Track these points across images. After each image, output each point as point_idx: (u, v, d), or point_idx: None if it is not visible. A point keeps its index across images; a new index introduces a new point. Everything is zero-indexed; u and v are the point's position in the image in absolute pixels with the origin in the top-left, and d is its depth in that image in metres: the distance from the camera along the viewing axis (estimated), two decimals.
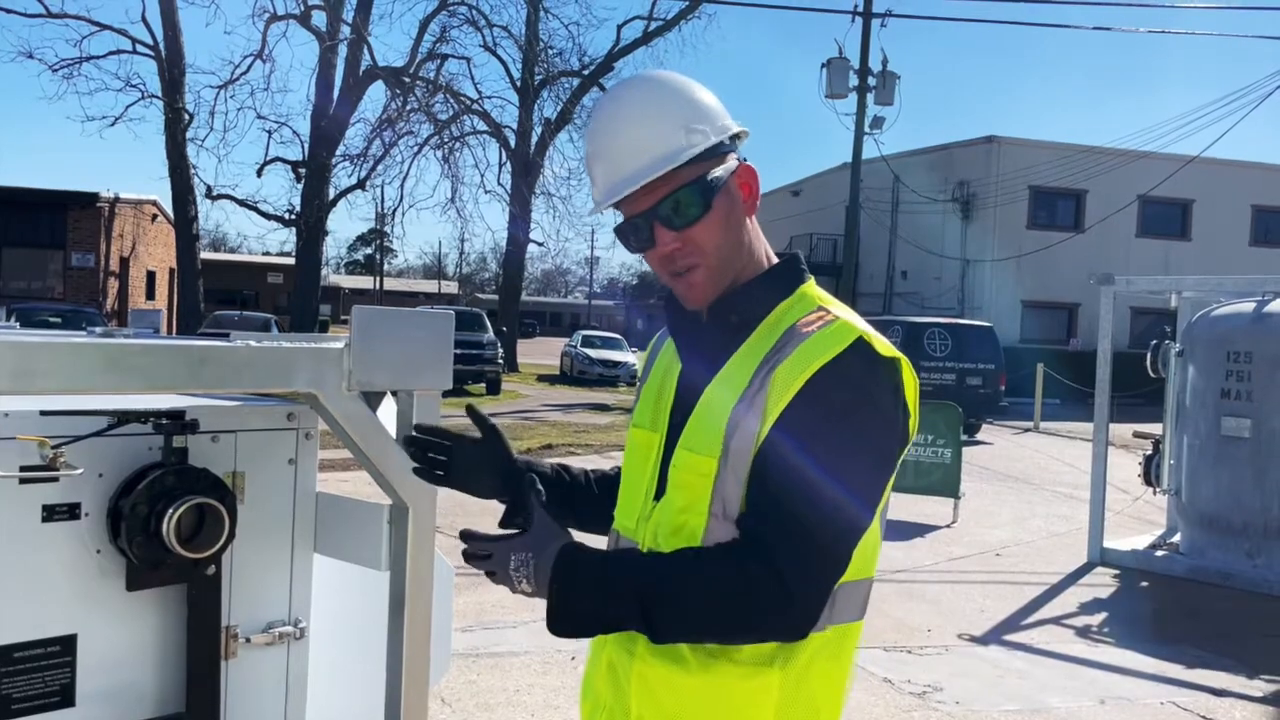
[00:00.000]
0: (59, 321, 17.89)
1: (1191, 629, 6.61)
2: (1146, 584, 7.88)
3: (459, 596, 5.48)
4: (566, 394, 23.66)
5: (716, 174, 1.50)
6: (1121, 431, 10.93)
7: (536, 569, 1.44)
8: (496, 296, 39.59)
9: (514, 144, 28.24)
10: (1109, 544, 8.45)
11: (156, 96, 25.42)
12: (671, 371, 1.62)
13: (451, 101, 26.66)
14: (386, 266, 74.77)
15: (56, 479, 1.57)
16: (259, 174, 26.75)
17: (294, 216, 26.24)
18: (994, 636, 6.26)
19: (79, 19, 25.10)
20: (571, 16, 52.82)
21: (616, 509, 1.66)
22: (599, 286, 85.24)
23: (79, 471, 1.54)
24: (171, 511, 1.63)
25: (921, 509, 9.73)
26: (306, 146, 26.06)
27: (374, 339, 1.71)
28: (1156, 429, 8.90)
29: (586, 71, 28.22)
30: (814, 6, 71.09)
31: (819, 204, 35.61)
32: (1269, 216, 32.22)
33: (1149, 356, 8.62)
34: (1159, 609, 7.27)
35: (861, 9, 24.44)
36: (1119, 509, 10.01)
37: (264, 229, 60.42)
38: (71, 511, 1.63)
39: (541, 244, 31.65)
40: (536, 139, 28.65)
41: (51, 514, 1.61)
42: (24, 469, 1.54)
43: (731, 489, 1.44)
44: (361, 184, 27.07)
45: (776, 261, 1.59)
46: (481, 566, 1.50)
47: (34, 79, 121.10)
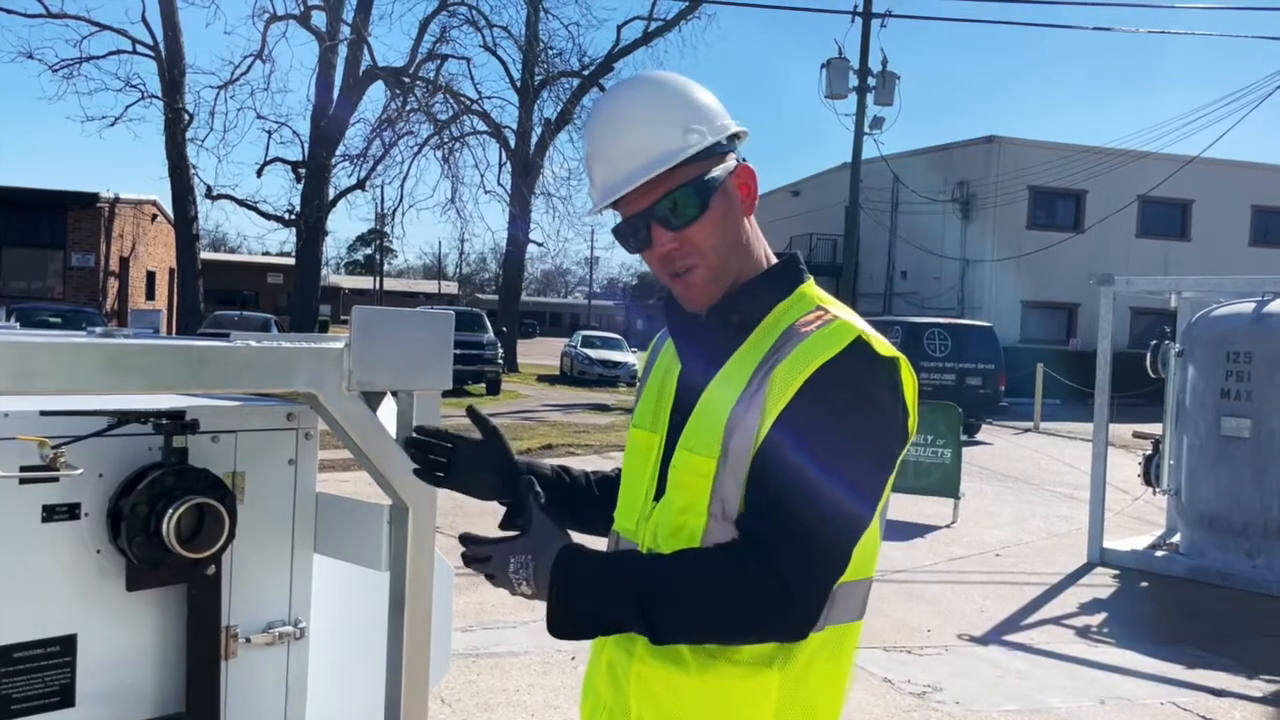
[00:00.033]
0: (59, 321, 17.89)
1: (1191, 629, 6.61)
2: (1146, 584, 7.88)
3: (459, 596, 5.48)
4: (566, 394, 23.66)
5: (714, 174, 1.50)
6: (1121, 432, 10.94)
7: (536, 571, 1.44)
8: (496, 297, 39.59)
9: (514, 144, 28.25)
10: (1109, 544, 8.45)
11: (156, 97, 25.46)
12: (672, 372, 1.62)
13: (451, 102, 26.68)
14: (386, 267, 74.85)
15: (56, 479, 1.57)
16: (259, 174, 26.79)
17: (294, 216, 26.25)
18: (994, 637, 6.26)
19: (79, 19, 25.16)
20: (571, 17, 52.80)
21: (616, 510, 1.66)
22: (599, 287, 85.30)
23: (79, 472, 1.53)
24: (171, 512, 1.63)
25: (921, 509, 9.73)
26: (306, 147, 26.08)
27: (374, 339, 1.70)
28: (1156, 429, 8.90)
29: (586, 72, 28.23)
30: (814, 6, 71.46)
31: (819, 204, 35.61)
32: (1268, 217, 32.23)
33: (1149, 357, 8.62)
34: (1159, 609, 7.27)
35: (861, 9, 24.45)
36: (1119, 509, 10.01)
37: (264, 229, 60.61)
38: (71, 511, 1.63)
39: (541, 244, 31.72)
40: (536, 139, 28.65)
41: (51, 514, 1.61)
42: (24, 469, 1.53)
43: (730, 489, 1.44)
44: (361, 184, 27.09)
45: (776, 262, 1.59)
46: (481, 569, 1.49)
47: (34, 79, 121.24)
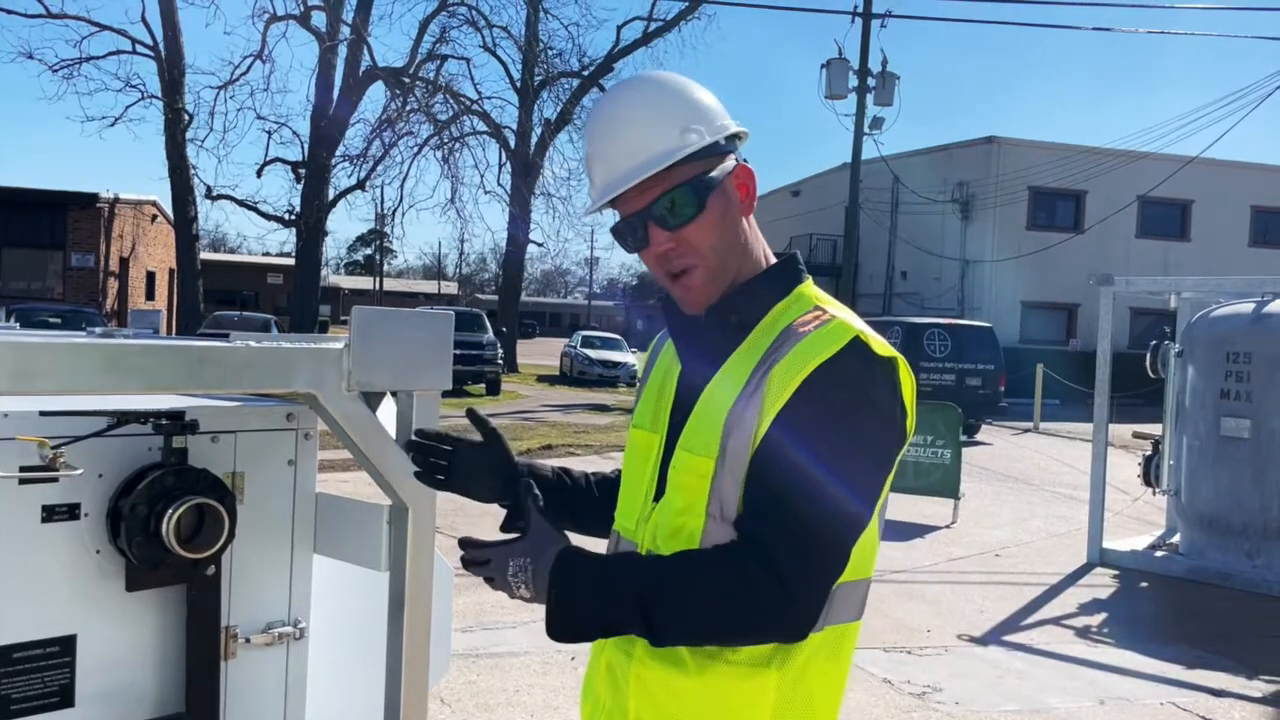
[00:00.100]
0: (59, 322, 17.89)
1: (1191, 629, 6.61)
2: (1146, 584, 7.88)
3: (458, 597, 5.47)
4: (566, 394, 23.65)
5: (712, 174, 1.50)
6: (1121, 432, 10.94)
7: (535, 574, 1.44)
8: (496, 297, 39.60)
9: (514, 144, 28.25)
10: (1108, 544, 8.45)
11: (156, 97, 25.46)
12: (672, 372, 1.62)
13: (451, 102, 26.68)
14: (386, 267, 74.85)
15: (56, 479, 1.57)
16: (259, 174, 26.80)
17: (294, 217, 26.26)
18: (993, 637, 6.26)
19: (79, 19, 25.17)
20: (571, 17, 52.83)
21: (617, 510, 1.65)
22: (599, 287, 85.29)
23: (79, 472, 1.53)
24: (171, 512, 1.63)
25: (921, 509, 9.73)
26: (306, 147, 26.08)
27: (373, 339, 1.70)
28: (1156, 429, 8.90)
29: (586, 72, 28.23)
30: (814, 7, 71.39)
31: (819, 204, 35.61)
32: (1268, 217, 32.22)
33: (1148, 357, 8.62)
34: (1158, 609, 7.27)
35: (861, 9, 24.44)
36: (1118, 509, 10.01)
37: (264, 229, 60.50)
38: (71, 512, 1.63)
39: (541, 244, 31.69)
40: (536, 139, 28.66)
41: (51, 514, 1.61)
42: (24, 469, 1.53)
43: (729, 490, 1.43)
44: (361, 184, 27.10)
45: (775, 262, 1.59)
46: (480, 573, 1.49)
47: (34, 79, 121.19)
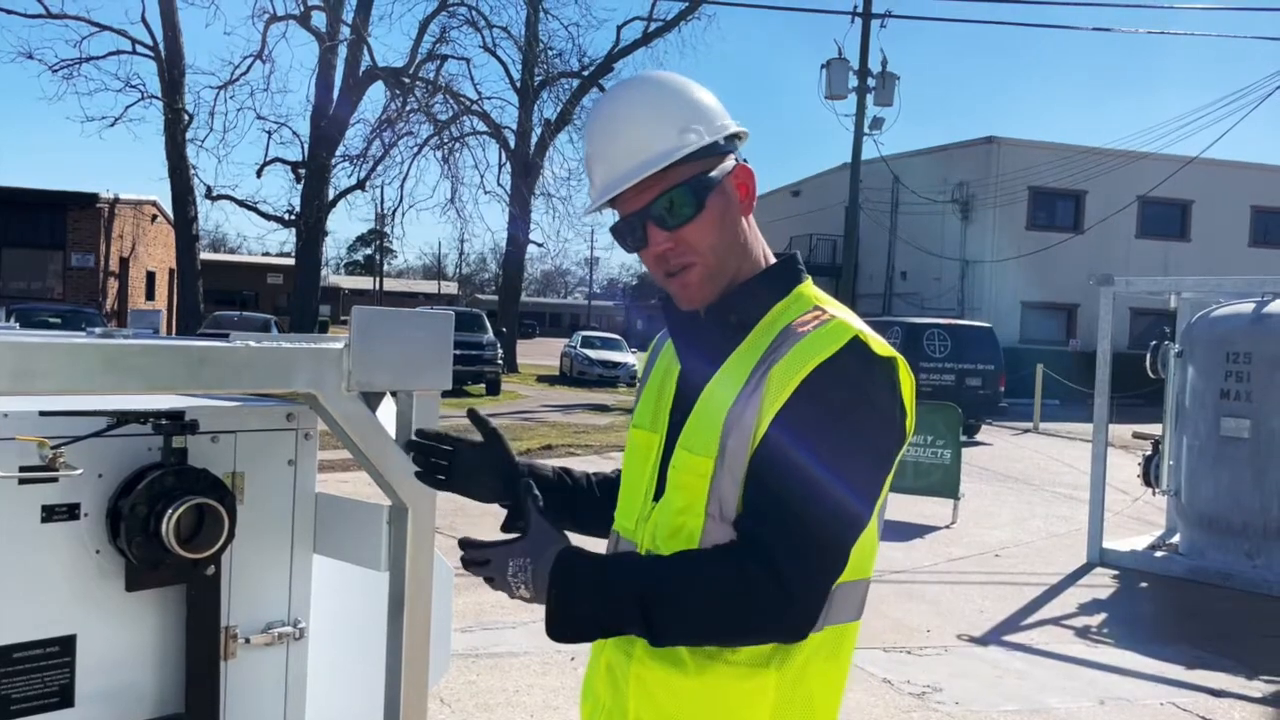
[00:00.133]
0: (58, 322, 17.90)
1: (1191, 629, 6.61)
2: (1146, 585, 7.88)
3: (458, 597, 5.47)
4: (566, 395, 23.66)
5: (711, 174, 1.50)
6: (1121, 432, 10.94)
7: (535, 574, 1.44)
8: (496, 297, 39.60)
9: (514, 145, 28.26)
10: (1108, 545, 8.45)
11: (156, 97, 25.46)
12: (671, 372, 1.62)
13: (451, 102, 26.68)
14: (386, 267, 74.85)
15: (56, 479, 1.56)
16: (259, 174, 26.80)
17: (294, 217, 26.26)
18: (993, 637, 6.26)
19: (79, 19, 25.18)
20: (571, 17, 52.83)
21: (616, 510, 1.65)
22: (599, 287, 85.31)
23: (78, 472, 1.53)
24: (171, 512, 1.62)
25: (921, 510, 9.73)
26: (306, 147, 26.08)
27: (373, 339, 1.70)
28: (1156, 430, 8.90)
29: (586, 72, 28.23)
30: (814, 7, 71.35)
31: (819, 204, 35.61)
32: (1268, 217, 32.23)
33: (1148, 357, 8.62)
34: (1158, 610, 7.27)
35: (861, 9, 24.46)
36: (1118, 510, 10.01)
37: (264, 229, 60.58)
38: (71, 512, 1.63)
39: (541, 245, 31.71)
40: (536, 140, 28.66)
41: (51, 514, 1.61)
42: (23, 469, 1.53)
43: (728, 490, 1.43)
44: (361, 184, 27.11)
45: (774, 261, 1.59)
46: (480, 573, 1.50)
47: (34, 79, 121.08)
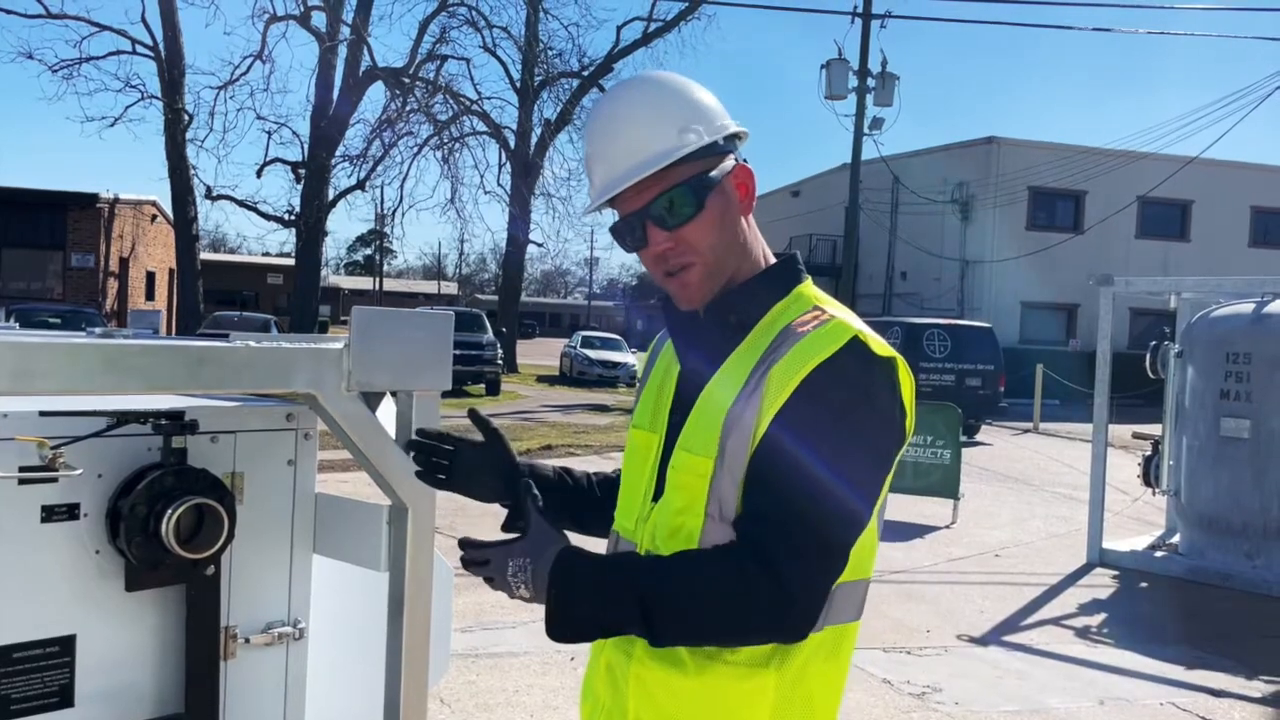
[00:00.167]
0: (58, 322, 17.90)
1: (1191, 630, 6.61)
2: (1146, 585, 7.88)
3: (458, 597, 5.47)
4: (566, 395, 23.66)
5: (711, 174, 1.50)
6: (1121, 432, 10.94)
7: (534, 574, 1.44)
8: (496, 297, 39.60)
9: (514, 145, 28.25)
10: (1108, 545, 8.45)
11: (156, 97, 25.46)
12: (671, 372, 1.62)
13: (451, 102, 26.68)
14: (386, 267, 74.81)
15: (55, 479, 1.56)
16: (259, 175, 26.80)
17: (293, 217, 26.26)
18: (993, 637, 6.26)
19: (79, 20, 25.16)
20: (571, 18, 52.81)
21: (616, 510, 1.66)
22: (599, 287, 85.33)
23: (78, 472, 1.53)
24: (170, 512, 1.62)
25: (921, 510, 9.73)
26: (306, 147, 26.08)
27: (373, 339, 1.70)
28: (1156, 430, 8.90)
29: (586, 72, 28.22)
30: (814, 7, 71.33)
31: (818, 205, 35.61)
32: (1268, 218, 32.23)
33: (1148, 357, 8.63)
34: (1158, 610, 7.27)
35: (861, 10, 24.45)
36: (1118, 510, 10.01)
37: (264, 230, 60.58)
38: (70, 512, 1.62)
39: (541, 245, 31.70)
40: (536, 140, 28.65)
41: (50, 514, 1.61)
42: (23, 469, 1.53)
43: (728, 490, 1.43)
44: (361, 185, 27.10)
45: (774, 261, 1.59)
46: (480, 573, 1.50)
47: (34, 79, 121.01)
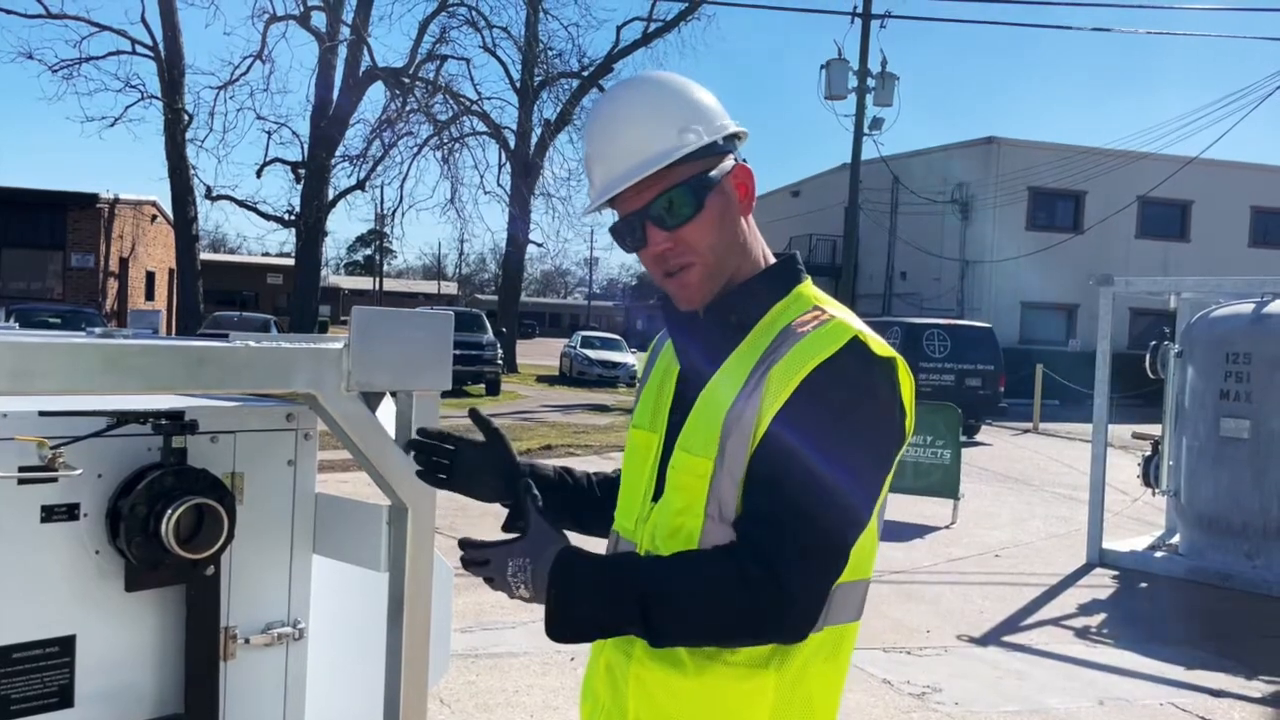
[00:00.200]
0: (58, 322, 17.89)
1: (1190, 630, 6.61)
2: (1145, 585, 7.88)
3: (458, 597, 5.47)
4: (566, 395, 23.65)
5: (710, 174, 1.49)
6: (1121, 433, 10.94)
7: (534, 575, 1.44)
8: (496, 297, 39.59)
9: (513, 145, 28.25)
10: (1108, 545, 8.45)
11: (156, 97, 25.46)
12: (671, 372, 1.62)
13: (451, 102, 26.68)
14: (386, 267, 74.77)
15: (55, 479, 1.56)
16: (258, 175, 26.81)
17: (293, 217, 26.26)
18: (993, 637, 6.26)
19: (78, 20, 25.17)
20: (571, 18, 52.90)
21: (616, 510, 1.65)
22: (598, 287, 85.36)
23: (78, 472, 1.53)
24: (170, 512, 1.62)
25: (921, 510, 9.73)
26: (306, 147, 26.08)
27: (373, 340, 1.70)
28: (1155, 430, 8.90)
29: (586, 73, 28.23)
30: (814, 7, 71.25)
31: (818, 205, 35.61)
32: (1268, 218, 32.23)
33: (1148, 358, 8.62)
34: (1158, 610, 7.27)
35: (861, 10, 24.46)
36: (1118, 510, 10.01)
37: (263, 230, 60.61)
38: (70, 512, 1.62)
39: (541, 245, 31.71)
40: (536, 140, 28.65)
41: (50, 514, 1.61)
42: (23, 469, 1.53)
43: (727, 490, 1.43)
44: (361, 185, 27.11)
45: (774, 261, 1.59)
46: (479, 573, 1.50)
47: (34, 79, 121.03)
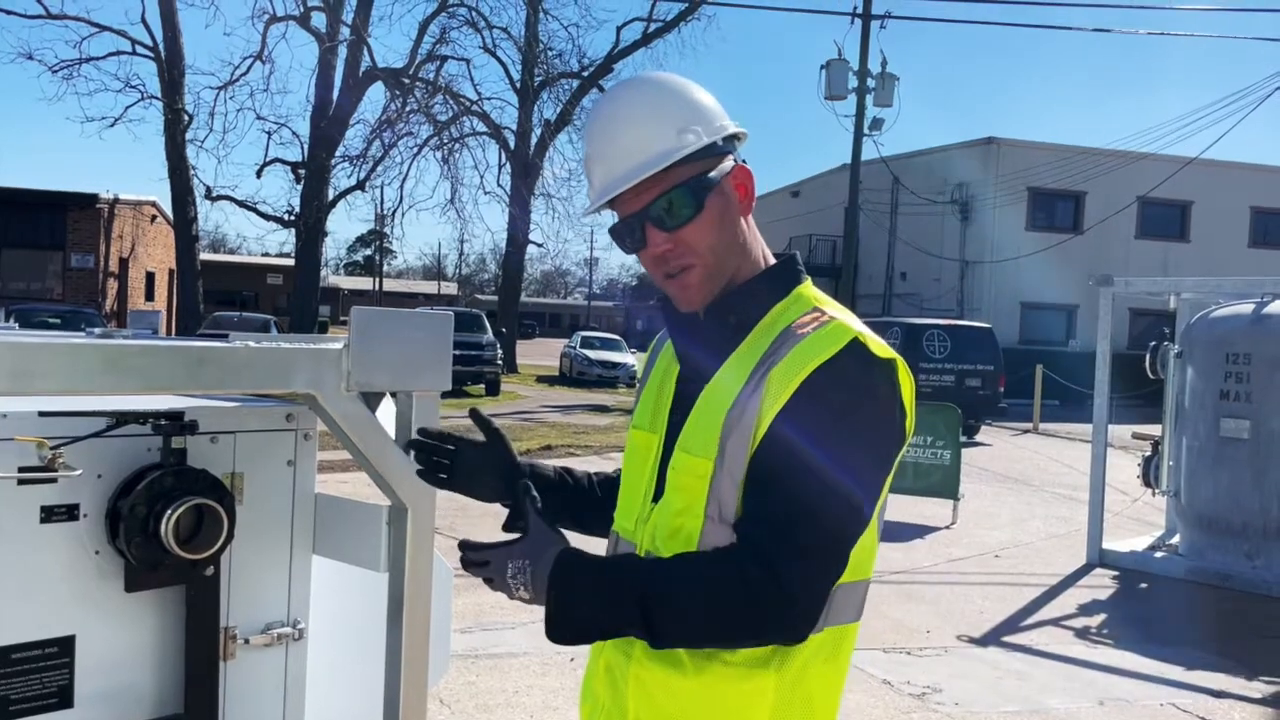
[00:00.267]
0: (58, 322, 17.89)
1: (1190, 630, 6.61)
2: (1145, 585, 7.88)
3: (458, 598, 5.47)
4: (566, 395, 23.66)
5: (710, 175, 1.49)
6: (1121, 433, 10.94)
7: (534, 576, 1.44)
8: (496, 297, 39.60)
9: (513, 145, 28.25)
10: (1108, 545, 8.45)
11: (156, 98, 25.46)
12: (670, 372, 1.62)
13: (451, 103, 26.68)
14: (386, 267, 74.76)
15: (55, 480, 1.56)
16: (258, 175, 26.81)
17: (293, 217, 26.25)
18: (993, 638, 6.26)
19: (79, 20, 25.16)
20: (571, 18, 52.98)
21: (616, 510, 1.65)
22: (598, 287, 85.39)
23: (78, 472, 1.53)
24: (170, 512, 1.62)
25: (921, 510, 9.73)
26: (306, 147, 26.08)
27: (373, 340, 1.70)
28: (1155, 430, 8.90)
29: (586, 73, 28.22)
30: (814, 7, 71.08)
31: (818, 205, 35.61)
32: (1268, 218, 32.23)
33: (1148, 358, 8.62)
34: (1158, 610, 7.27)
35: (861, 10, 24.45)
36: (1118, 510, 10.01)
37: (263, 230, 60.62)
38: (70, 512, 1.62)
39: (541, 245, 31.70)
40: (536, 140, 28.65)
41: (50, 515, 1.60)
42: (22, 470, 1.53)
43: (727, 491, 1.43)
44: (361, 185, 27.11)
45: (774, 262, 1.59)
46: (479, 574, 1.50)
47: (34, 80, 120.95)
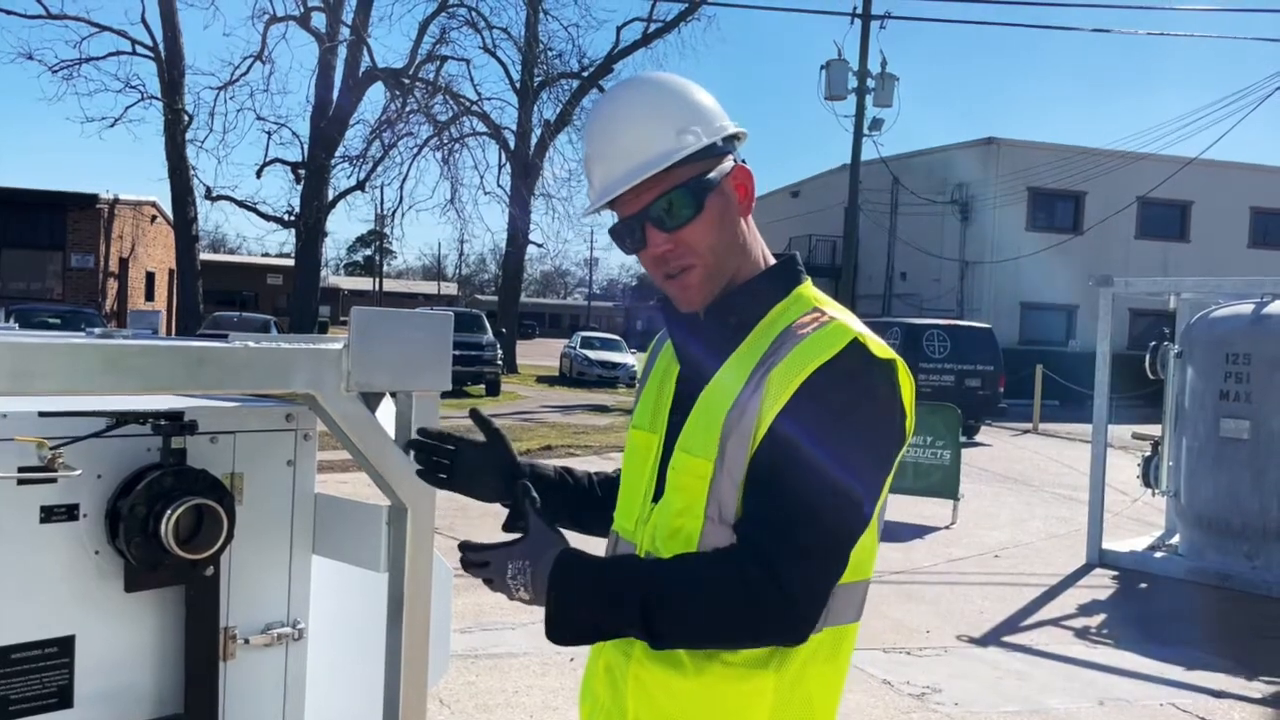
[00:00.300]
0: (58, 322, 17.90)
1: (1190, 630, 6.61)
2: (1145, 585, 7.88)
3: (458, 598, 5.47)
4: (566, 395, 23.66)
5: (710, 175, 1.49)
6: (1120, 433, 10.94)
7: (534, 577, 1.44)
8: (496, 298, 39.60)
9: (513, 145, 28.25)
10: (1108, 545, 8.46)
11: (156, 98, 25.47)
12: (670, 372, 1.62)
13: (451, 103, 26.69)
14: (386, 268, 74.74)
15: (55, 480, 1.56)
16: (258, 175, 26.83)
17: (293, 218, 26.26)
18: (993, 638, 6.26)
19: (79, 20, 25.18)
20: (571, 18, 52.96)
21: (616, 510, 1.65)
22: (598, 288, 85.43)
23: (77, 473, 1.53)
24: (170, 512, 1.62)
25: (921, 510, 9.73)
26: (306, 148, 26.08)
27: (373, 340, 1.70)
28: (1155, 430, 8.90)
29: (586, 73, 28.22)
30: (814, 8, 70.95)
31: (818, 205, 35.61)
32: (1267, 218, 32.24)
33: (1148, 358, 8.62)
34: (1158, 610, 7.27)
35: (861, 10, 24.45)
36: (1118, 510, 10.01)
37: (263, 230, 60.65)
38: (70, 512, 1.62)
39: (541, 245, 31.70)
40: (536, 140, 28.65)
41: (50, 515, 1.60)
42: (22, 470, 1.53)
43: (727, 492, 1.43)
44: (361, 185, 27.12)
45: (774, 262, 1.59)
46: (479, 575, 1.50)
47: (34, 80, 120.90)
